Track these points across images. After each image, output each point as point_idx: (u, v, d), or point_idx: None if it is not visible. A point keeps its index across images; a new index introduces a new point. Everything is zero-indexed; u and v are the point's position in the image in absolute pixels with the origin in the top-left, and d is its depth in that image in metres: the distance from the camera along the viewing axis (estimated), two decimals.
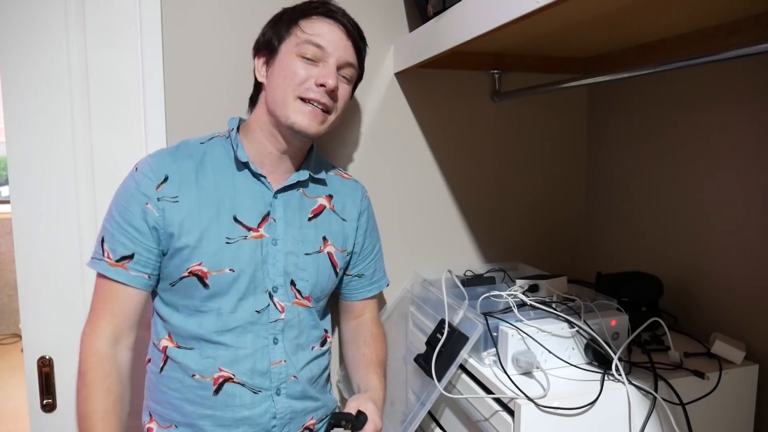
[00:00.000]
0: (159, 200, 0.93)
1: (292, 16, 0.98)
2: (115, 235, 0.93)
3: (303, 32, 0.95)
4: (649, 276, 1.16)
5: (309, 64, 0.95)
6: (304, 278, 1.01)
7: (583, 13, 0.91)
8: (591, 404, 0.86)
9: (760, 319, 1.03)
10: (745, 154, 1.06)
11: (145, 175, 0.94)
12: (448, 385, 1.02)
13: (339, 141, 1.31)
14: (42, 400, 1.11)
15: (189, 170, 0.96)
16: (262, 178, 0.99)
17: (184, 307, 0.96)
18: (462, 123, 1.40)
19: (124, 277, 0.93)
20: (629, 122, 1.35)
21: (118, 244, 0.93)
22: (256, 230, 0.97)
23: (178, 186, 0.94)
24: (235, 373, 0.96)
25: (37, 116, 1.10)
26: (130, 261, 0.93)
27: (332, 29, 0.97)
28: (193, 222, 0.94)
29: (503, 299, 1.07)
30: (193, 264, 0.93)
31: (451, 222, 1.43)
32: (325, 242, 1.05)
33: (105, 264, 0.93)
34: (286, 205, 1.01)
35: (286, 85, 0.94)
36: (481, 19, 0.88)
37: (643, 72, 0.90)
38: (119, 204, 0.94)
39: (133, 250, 0.92)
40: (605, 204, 1.46)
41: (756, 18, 0.94)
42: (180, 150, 0.99)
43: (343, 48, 0.97)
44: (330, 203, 1.08)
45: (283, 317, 0.99)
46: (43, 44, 1.09)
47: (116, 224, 0.93)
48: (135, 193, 0.93)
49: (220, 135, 1.03)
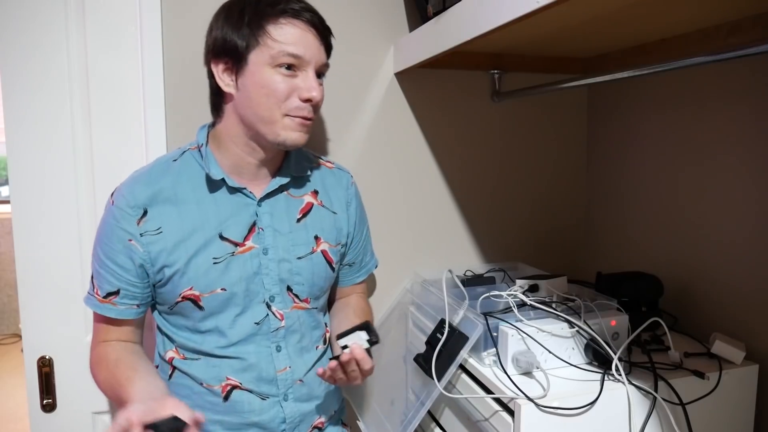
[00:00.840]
0: (142, 236, 0.91)
1: (254, 18, 0.88)
2: (101, 273, 0.93)
3: (275, 41, 0.87)
4: (649, 276, 1.16)
5: (288, 75, 0.89)
6: (300, 282, 1.00)
7: (583, 13, 0.91)
8: (591, 404, 0.86)
9: (760, 319, 1.03)
10: (746, 154, 1.06)
11: (123, 210, 0.92)
12: (448, 385, 1.02)
13: (339, 141, 1.31)
14: (42, 400, 1.11)
15: (167, 195, 0.93)
16: (242, 190, 0.96)
17: (185, 327, 0.97)
18: (462, 123, 1.40)
19: (113, 313, 0.94)
20: (629, 122, 1.35)
21: (103, 281, 0.93)
22: (242, 244, 0.95)
23: (159, 217, 0.92)
24: (242, 381, 0.96)
25: (37, 116, 1.10)
26: (116, 296, 0.93)
27: (305, 34, 0.89)
28: (179, 249, 0.92)
29: (503, 299, 1.07)
30: (185, 289, 0.93)
31: (451, 222, 1.43)
32: (318, 241, 1.03)
33: (94, 300, 0.94)
34: (273, 211, 0.99)
35: (270, 104, 0.89)
36: (481, 19, 0.88)
37: (643, 72, 0.90)
38: (101, 240, 0.94)
39: (118, 287, 0.93)
40: (605, 204, 1.46)
41: (756, 18, 0.94)
42: (153, 172, 0.95)
43: (318, 51, 0.92)
44: (317, 199, 1.05)
45: (283, 324, 0.99)
46: (43, 44, 1.09)
47: (101, 261, 0.93)
48: (116, 229, 0.92)
49: (192, 148, 0.99)
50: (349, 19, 1.30)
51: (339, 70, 1.29)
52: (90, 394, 1.16)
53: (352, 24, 1.30)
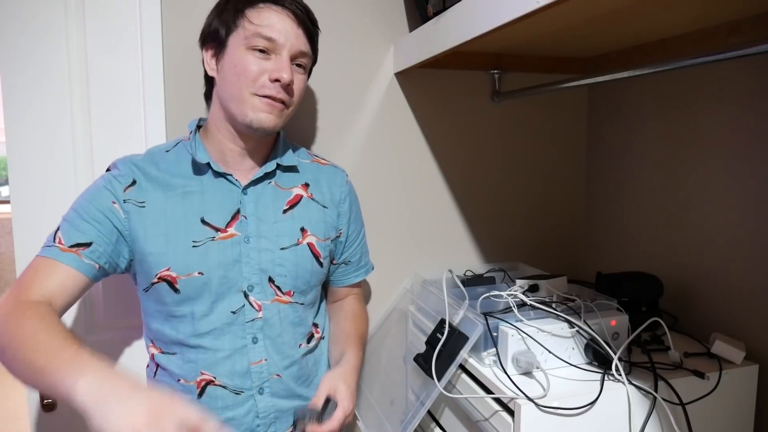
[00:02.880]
0: (125, 202, 0.92)
1: (237, 5, 0.93)
2: (75, 223, 0.90)
3: (251, 23, 0.91)
4: (649, 276, 1.16)
5: (261, 58, 0.91)
6: (282, 273, 0.99)
7: (583, 13, 0.91)
8: (591, 404, 0.86)
9: (760, 319, 1.03)
10: (746, 154, 1.06)
11: (114, 177, 0.94)
12: (448, 385, 1.02)
13: (339, 141, 1.31)
14: (42, 400, 1.11)
15: (154, 175, 0.95)
16: (227, 176, 0.97)
17: (159, 312, 0.96)
18: (462, 123, 1.40)
19: (75, 263, 0.87)
20: (629, 122, 1.35)
21: (74, 232, 0.89)
22: (224, 231, 0.96)
23: (145, 191, 0.94)
24: (216, 375, 0.96)
25: (37, 116, 1.10)
26: (85, 249, 0.89)
27: (281, 18, 0.92)
28: (159, 228, 0.93)
29: (503, 299, 1.07)
30: (162, 269, 0.93)
31: (451, 222, 1.43)
32: (304, 233, 1.02)
33: (56, 249, 0.87)
34: (258, 200, 0.99)
35: (240, 83, 0.91)
36: (481, 19, 0.88)
37: (643, 72, 0.90)
38: (84, 198, 0.93)
39: (92, 239, 0.89)
40: (605, 204, 1.46)
41: (756, 18, 0.94)
42: (147, 158, 0.98)
43: (295, 36, 0.93)
44: (307, 191, 1.05)
45: (260, 316, 0.98)
46: (43, 44, 1.09)
47: (77, 215, 0.91)
48: (102, 190, 0.93)
49: (185, 139, 1.02)
50: (349, 19, 1.30)
51: (339, 70, 1.29)
52: None
53: (352, 24, 1.30)
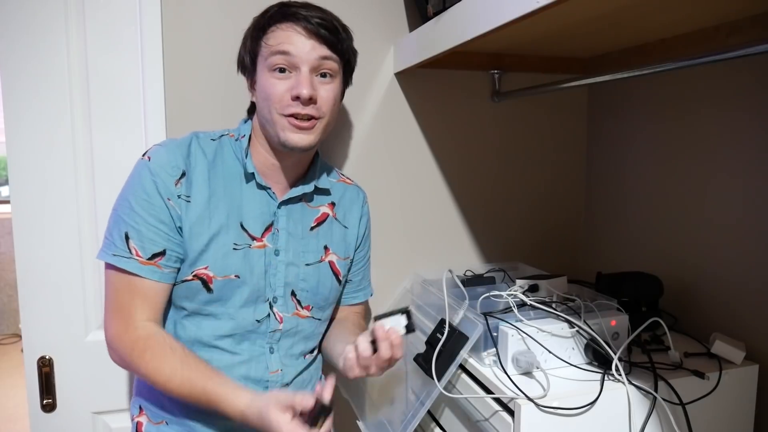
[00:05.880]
0: (179, 197, 0.91)
1: (255, 32, 0.96)
2: (143, 232, 0.88)
3: (267, 45, 0.93)
4: (649, 276, 1.16)
5: (282, 78, 0.92)
6: (304, 288, 1.01)
7: (583, 13, 0.91)
8: (591, 404, 0.86)
9: (760, 319, 1.03)
10: (745, 154, 1.06)
11: (162, 167, 0.90)
12: (448, 385, 1.02)
13: (339, 141, 1.31)
14: (42, 400, 1.11)
15: (202, 169, 0.94)
16: (268, 189, 0.98)
17: (184, 309, 0.95)
18: (462, 123, 1.40)
19: (157, 276, 0.89)
20: (629, 122, 1.35)
21: (147, 241, 0.89)
22: (260, 240, 0.97)
23: (192, 185, 0.92)
24: (228, 377, 0.96)
25: (37, 116, 1.10)
26: (162, 258, 0.89)
27: (290, 35, 0.92)
28: (203, 225, 0.92)
29: (503, 299, 1.07)
30: (200, 267, 0.92)
31: (451, 222, 1.43)
32: (327, 251, 1.04)
33: (135, 262, 0.88)
34: (289, 215, 1.00)
35: (268, 105, 0.93)
36: (481, 19, 0.88)
37: (643, 72, 0.90)
38: (139, 197, 0.89)
39: (165, 247, 0.89)
40: (605, 204, 1.46)
41: (756, 18, 0.94)
42: (193, 144, 0.96)
43: (311, 47, 0.92)
44: (332, 211, 1.07)
45: (280, 327, 0.99)
46: (43, 44, 1.09)
47: (141, 220, 0.89)
48: (155, 185, 0.89)
49: (230, 134, 1.01)
50: (349, 19, 1.29)
51: None
52: (90, 394, 1.16)
53: (352, 24, 1.29)
